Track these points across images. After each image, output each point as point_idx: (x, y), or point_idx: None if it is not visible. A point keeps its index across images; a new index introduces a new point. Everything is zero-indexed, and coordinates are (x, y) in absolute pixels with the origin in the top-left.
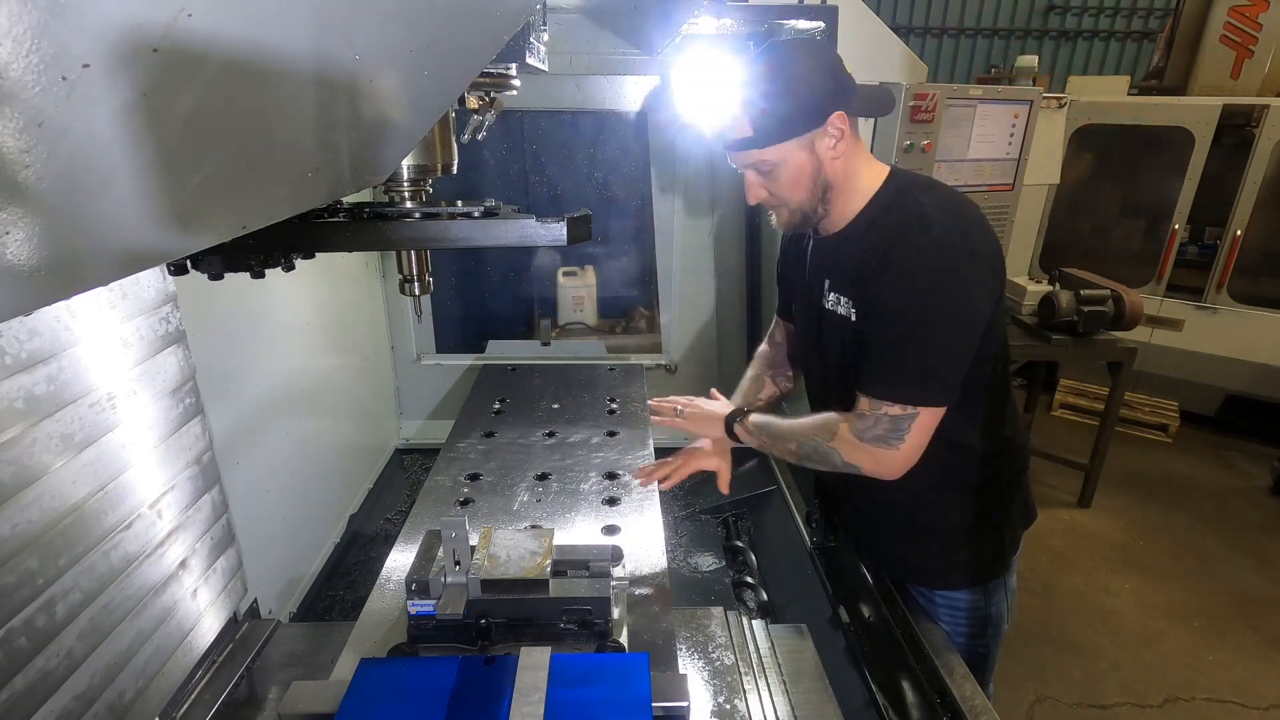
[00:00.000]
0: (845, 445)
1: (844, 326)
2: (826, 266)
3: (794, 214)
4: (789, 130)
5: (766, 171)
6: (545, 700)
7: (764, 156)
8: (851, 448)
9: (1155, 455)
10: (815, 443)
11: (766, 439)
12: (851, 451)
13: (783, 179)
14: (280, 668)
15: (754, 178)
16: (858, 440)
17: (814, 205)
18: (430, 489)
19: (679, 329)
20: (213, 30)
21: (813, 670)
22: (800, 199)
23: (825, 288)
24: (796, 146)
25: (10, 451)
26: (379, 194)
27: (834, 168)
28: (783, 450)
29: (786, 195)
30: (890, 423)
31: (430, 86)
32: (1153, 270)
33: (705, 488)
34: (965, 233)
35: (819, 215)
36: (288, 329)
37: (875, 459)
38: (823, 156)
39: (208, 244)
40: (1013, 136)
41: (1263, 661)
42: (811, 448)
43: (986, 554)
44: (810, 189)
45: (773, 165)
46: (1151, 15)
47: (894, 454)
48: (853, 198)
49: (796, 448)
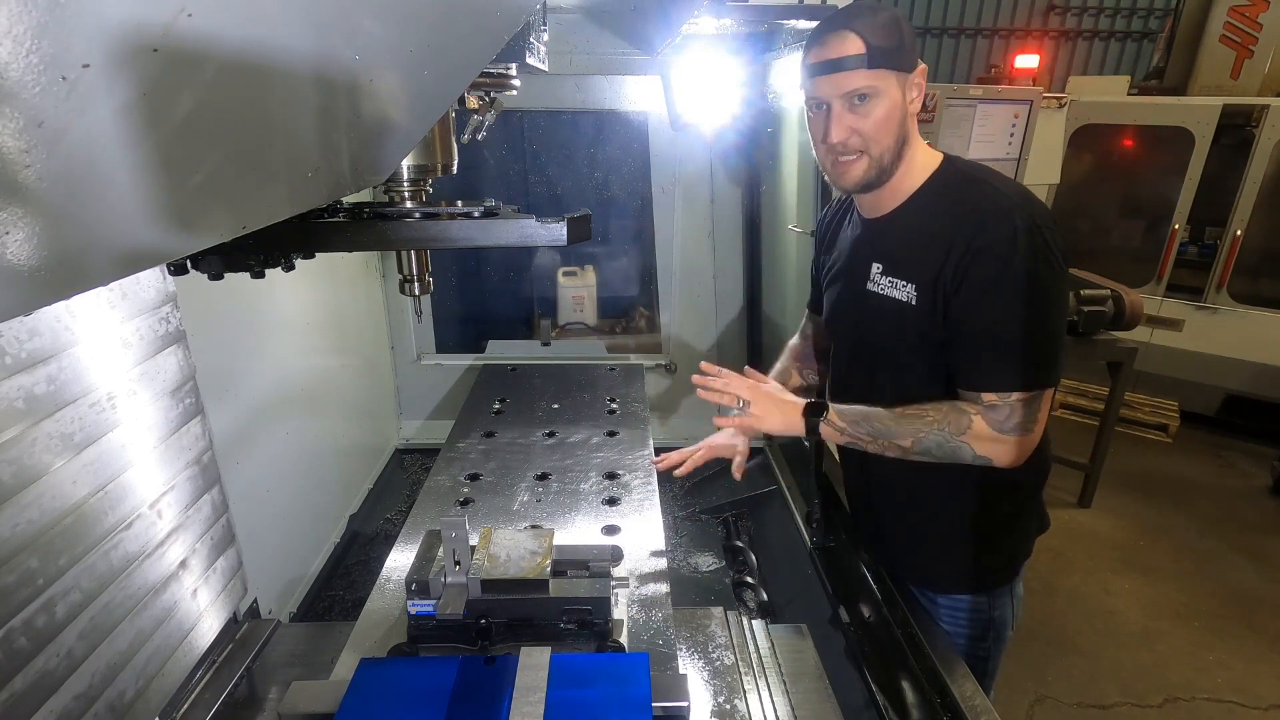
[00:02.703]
0: (980, 439)
1: (901, 310)
2: (876, 249)
3: (873, 164)
4: (897, 60)
5: (862, 101)
6: (545, 700)
7: (871, 81)
8: (988, 441)
9: (1155, 455)
10: (940, 437)
11: (864, 435)
12: (987, 445)
13: (877, 114)
14: (280, 668)
15: (844, 111)
16: (997, 433)
17: (893, 158)
18: (430, 489)
19: (679, 329)
20: (213, 30)
21: (813, 670)
22: (887, 143)
23: (874, 271)
24: (896, 81)
25: (10, 451)
26: (379, 194)
27: (912, 123)
28: (885, 446)
29: (876, 134)
30: (1024, 410)
31: (430, 86)
32: (1153, 270)
33: (705, 487)
34: (1045, 215)
35: (891, 172)
36: (288, 329)
37: (1012, 448)
38: (908, 105)
39: (208, 244)
40: (1013, 136)
41: (1263, 661)
42: (934, 443)
43: (998, 561)
44: (897, 134)
45: (873, 94)
46: (1151, 15)
47: (1030, 439)
48: (910, 171)
49: (911, 444)
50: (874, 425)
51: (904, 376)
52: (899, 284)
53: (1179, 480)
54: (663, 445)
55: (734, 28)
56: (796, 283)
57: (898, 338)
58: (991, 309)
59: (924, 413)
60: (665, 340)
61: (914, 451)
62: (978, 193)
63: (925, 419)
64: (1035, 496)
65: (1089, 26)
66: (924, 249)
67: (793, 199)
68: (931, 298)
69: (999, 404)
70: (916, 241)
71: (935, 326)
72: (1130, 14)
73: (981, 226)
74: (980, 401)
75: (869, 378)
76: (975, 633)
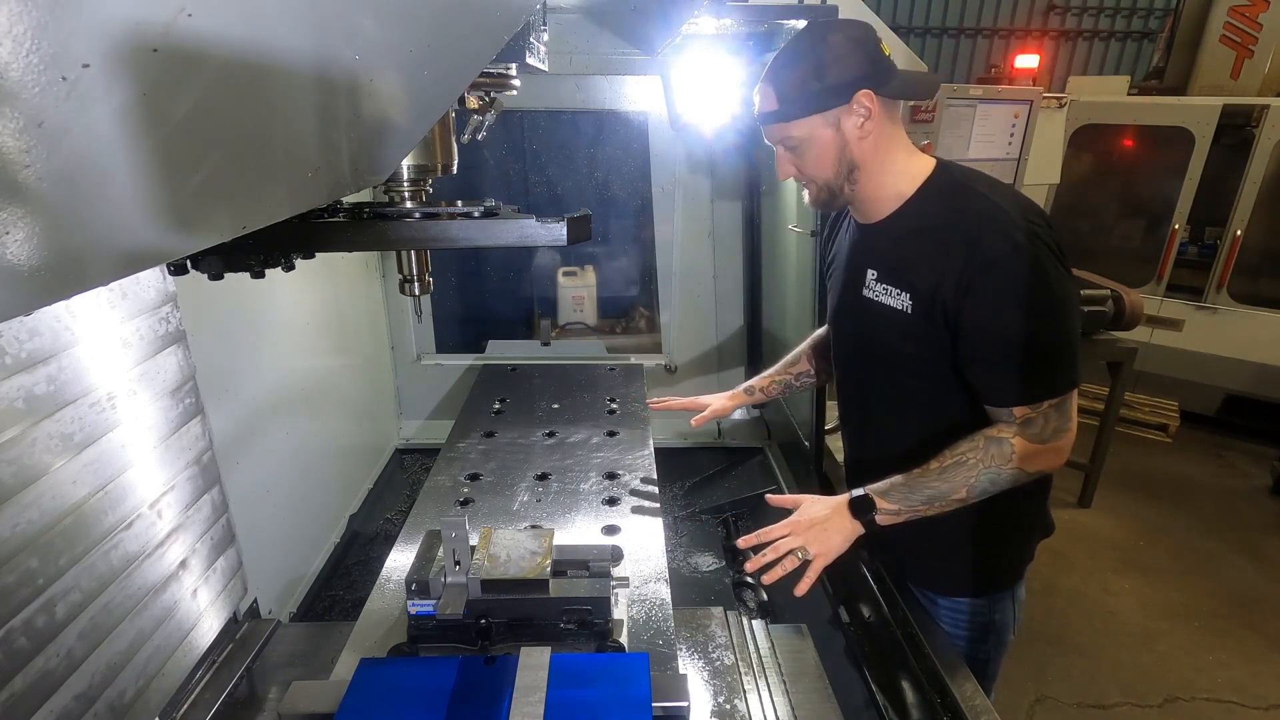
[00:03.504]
0: (1026, 458)
1: (896, 318)
2: (870, 255)
3: (820, 190)
4: (813, 105)
5: (793, 146)
6: (545, 700)
7: (789, 131)
8: (1032, 456)
9: (1155, 455)
10: (991, 475)
11: (919, 504)
12: (1032, 459)
13: (809, 155)
14: (280, 668)
15: (783, 153)
16: (1039, 446)
17: (840, 183)
18: (430, 489)
19: (679, 329)
20: (213, 30)
21: (813, 670)
22: (826, 176)
23: (869, 278)
24: (822, 122)
25: (10, 451)
26: (379, 194)
27: (861, 147)
28: (943, 506)
29: (812, 171)
30: (1057, 415)
31: (430, 86)
32: (1153, 270)
33: (705, 487)
34: (1041, 218)
35: (846, 194)
36: (288, 329)
37: (1055, 452)
38: (849, 135)
39: (208, 244)
40: (1013, 136)
41: (1263, 661)
42: (987, 481)
43: (1001, 564)
44: (835, 167)
45: (799, 140)
46: (1151, 15)
47: (1069, 438)
48: (888, 182)
49: (966, 494)
50: (924, 493)
51: (900, 380)
52: (892, 291)
53: (1179, 480)
54: (663, 445)
55: (734, 28)
56: (796, 283)
57: (893, 343)
58: (1008, 325)
59: (963, 457)
60: (665, 340)
61: (972, 499)
62: (972, 204)
63: (967, 464)
64: (1041, 500)
65: (1089, 26)
66: (918, 258)
67: (793, 199)
68: (928, 308)
69: (1034, 416)
70: (910, 249)
71: (933, 335)
72: (1130, 14)
73: (981, 241)
74: (1012, 418)
75: (866, 380)
76: (975, 635)
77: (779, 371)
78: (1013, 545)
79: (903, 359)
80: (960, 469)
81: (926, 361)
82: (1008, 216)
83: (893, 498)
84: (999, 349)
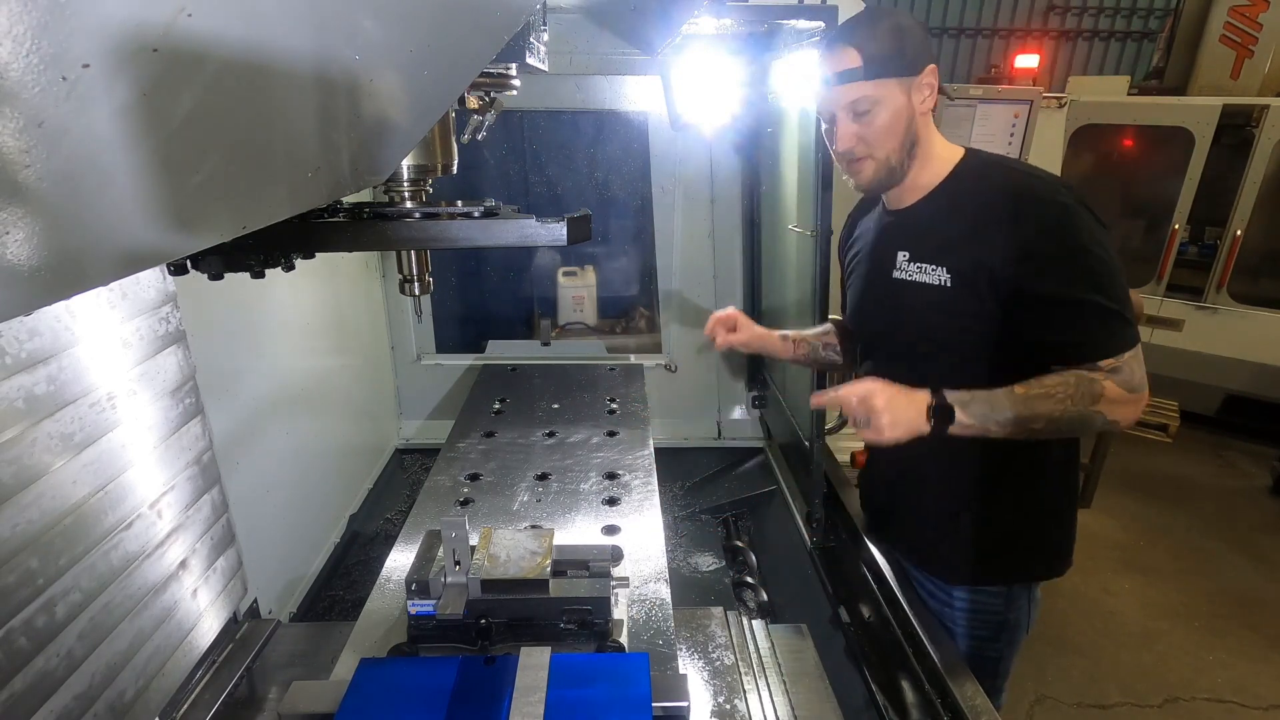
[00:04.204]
0: (1113, 404)
1: (932, 294)
2: (902, 238)
3: (880, 167)
4: (894, 68)
5: (864, 112)
6: (545, 700)
7: (867, 92)
8: (1118, 403)
9: (1155, 455)
10: (1077, 411)
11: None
12: (1117, 406)
13: (879, 121)
14: (280, 668)
15: (847, 121)
16: (1127, 394)
17: (901, 159)
18: (430, 489)
19: (679, 329)
20: (213, 30)
21: (813, 670)
22: (892, 147)
23: (900, 259)
24: (899, 88)
25: (10, 451)
26: (379, 194)
27: (923, 122)
28: (1019, 430)
29: (880, 140)
30: (1138, 366)
31: (430, 86)
32: (1153, 270)
33: (705, 487)
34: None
35: (903, 171)
36: (288, 329)
37: (1137, 404)
38: (916, 107)
39: (208, 244)
40: (1012, 136)
41: (1263, 661)
42: (1069, 419)
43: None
44: (902, 138)
45: (873, 103)
46: (1151, 15)
47: (1146, 393)
48: (930, 165)
49: (1045, 425)
50: (1005, 414)
51: (931, 363)
52: (928, 269)
53: (1179, 480)
54: (663, 446)
55: (734, 28)
56: (796, 283)
57: (928, 322)
58: (1080, 282)
59: (1051, 390)
60: (665, 340)
61: (1044, 432)
62: (1011, 179)
63: (1055, 397)
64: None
65: (1089, 26)
66: (958, 232)
67: (793, 199)
68: (970, 281)
69: (1120, 366)
70: (949, 227)
71: (975, 308)
72: (1130, 14)
73: (1030, 210)
74: (1095, 370)
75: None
76: (989, 632)
77: (813, 335)
78: (1040, 534)
79: (936, 337)
80: (1047, 401)
81: (964, 335)
82: (1048, 184)
83: (973, 412)
84: (1076, 307)
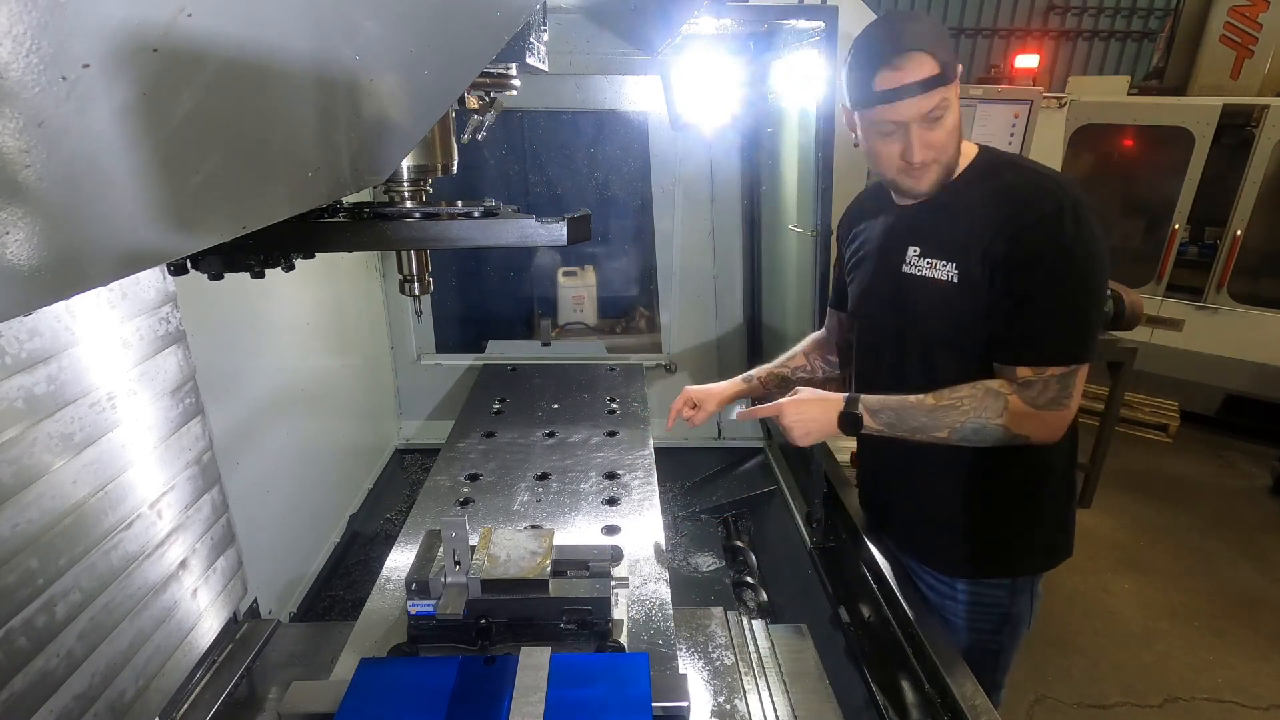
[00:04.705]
0: (1016, 417)
1: (939, 290)
2: (913, 233)
3: (942, 170)
4: (954, 71)
5: (936, 119)
6: (545, 700)
7: (944, 96)
8: (1022, 418)
9: (1155, 455)
10: (977, 423)
11: (903, 432)
12: (1022, 422)
13: (949, 125)
14: (280, 668)
15: (923, 131)
16: (1031, 409)
17: (955, 158)
18: (430, 489)
19: (679, 329)
20: (213, 30)
21: (813, 670)
22: (953, 149)
23: (910, 254)
24: (955, 89)
25: (10, 451)
26: (379, 194)
27: None
28: (924, 439)
29: (946, 144)
30: (1059, 384)
31: (430, 86)
32: (1153, 270)
33: (705, 487)
34: (1085, 198)
35: (953, 172)
36: (288, 329)
37: (1046, 424)
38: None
39: (208, 244)
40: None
41: (1263, 661)
42: (971, 429)
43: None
44: (958, 136)
45: (945, 108)
46: (1151, 15)
47: (1064, 414)
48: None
49: (948, 434)
50: (911, 424)
51: (937, 358)
52: (939, 264)
53: (1179, 480)
54: (662, 446)
55: (734, 28)
56: (796, 282)
57: (936, 317)
58: (1033, 279)
59: (958, 401)
60: (665, 340)
61: (951, 440)
62: (1021, 176)
63: (960, 408)
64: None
65: (1089, 26)
66: (967, 229)
67: (793, 199)
68: (976, 275)
69: (1034, 379)
70: (959, 222)
71: (974, 305)
72: (1130, 14)
73: (1029, 202)
74: (1015, 378)
75: (900, 361)
76: (992, 625)
77: (777, 366)
78: (1041, 527)
79: (942, 332)
80: (952, 412)
81: (968, 331)
82: (1056, 183)
83: (881, 418)
84: (1018, 302)
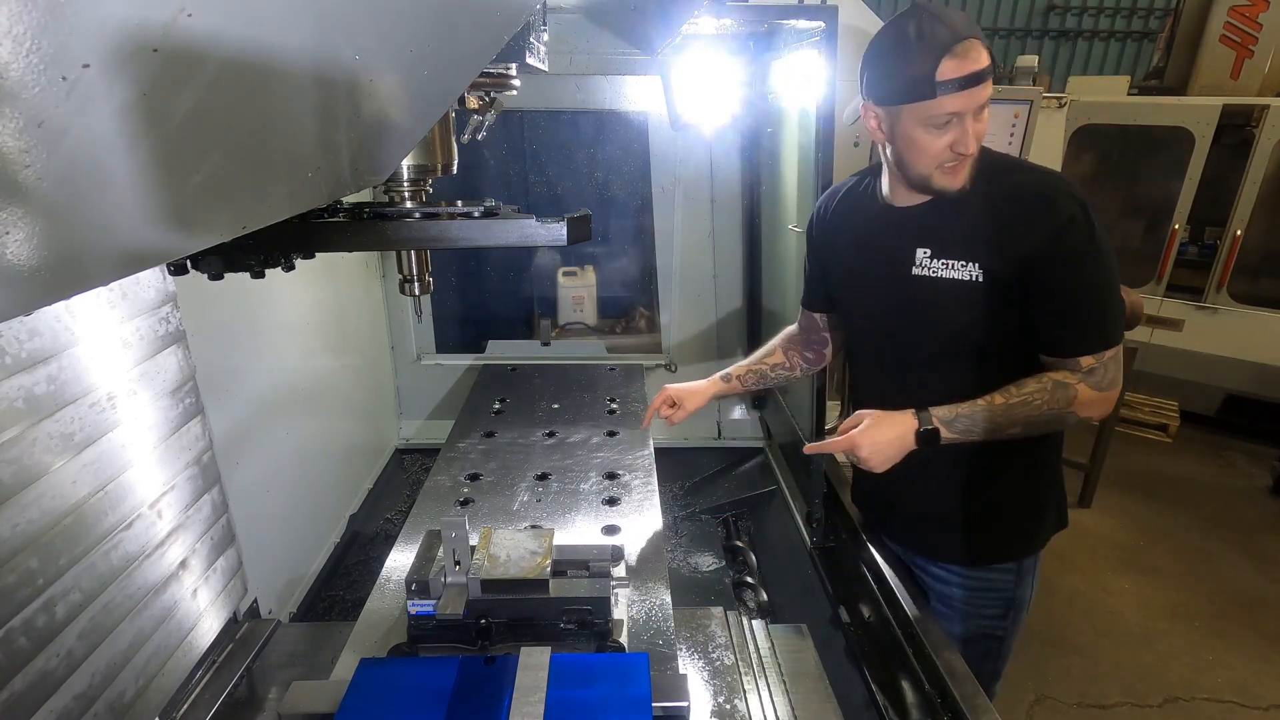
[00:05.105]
0: (1085, 404)
1: (962, 290)
2: (922, 234)
3: (973, 164)
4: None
5: (982, 110)
6: (545, 700)
7: (992, 87)
8: (1091, 403)
9: (1155, 455)
10: (1052, 414)
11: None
12: (1090, 406)
13: (986, 117)
14: (280, 668)
15: (974, 122)
16: (1097, 394)
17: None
18: (430, 489)
19: (679, 329)
20: (213, 30)
21: (813, 670)
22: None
23: (919, 256)
24: None
25: (10, 451)
26: (379, 194)
27: None
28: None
29: (982, 136)
30: (1115, 365)
31: (430, 86)
32: (1153, 270)
33: (705, 487)
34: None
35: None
36: (288, 329)
37: (1108, 402)
38: None
39: (208, 244)
40: (1012, 136)
41: (1263, 661)
42: (1046, 420)
43: (1033, 527)
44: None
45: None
46: (1151, 15)
47: (1117, 391)
48: None
49: (1022, 430)
50: (986, 425)
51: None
52: (956, 264)
53: (1179, 480)
54: (663, 446)
55: (734, 28)
56: (796, 283)
57: (959, 318)
58: (1081, 275)
59: (1029, 396)
60: (665, 340)
61: (1020, 433)
62: (1032, 175)
63: (1032, 403)
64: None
65: (1089, 26)
66: (988, 230)
67: (793, 199)
68: (1006, 274)
69: (1097, 365)
70: (974, 223)
71: (1002, 303)
72: (1130, 14)
73: (1055, 202)
74: (1074, 368)
75: (906, 362)
76: (998, 610)
77: (754, 362)
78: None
79: (968, 334)
80: (1024, 408)
81: (995, 331)
82: (1065, 183)
83: (956, 428)
84: (1072, 301)
